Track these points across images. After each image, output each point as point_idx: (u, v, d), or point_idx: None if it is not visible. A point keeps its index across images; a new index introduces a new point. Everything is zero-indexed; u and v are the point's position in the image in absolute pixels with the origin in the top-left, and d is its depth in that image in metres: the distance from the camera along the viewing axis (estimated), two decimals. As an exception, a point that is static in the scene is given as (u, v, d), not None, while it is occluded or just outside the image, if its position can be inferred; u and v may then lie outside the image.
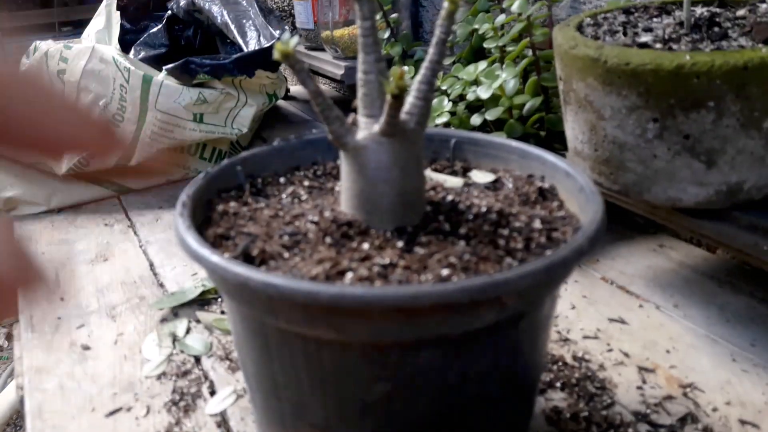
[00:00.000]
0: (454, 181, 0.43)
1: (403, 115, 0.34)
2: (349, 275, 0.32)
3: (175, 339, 0.53)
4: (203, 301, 0.59)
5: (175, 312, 0.57)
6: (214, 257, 0.31)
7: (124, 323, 0.56)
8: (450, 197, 0.40)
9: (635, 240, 0.66)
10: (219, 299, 0.59)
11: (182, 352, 0.52)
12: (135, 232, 0.74)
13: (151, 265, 0.66)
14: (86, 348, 0.53)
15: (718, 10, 0.51)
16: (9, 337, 1.70)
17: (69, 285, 0.63)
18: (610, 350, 0.50)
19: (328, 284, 0.30)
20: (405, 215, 0.36)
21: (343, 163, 0.36)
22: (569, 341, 0.51)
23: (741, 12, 0.50)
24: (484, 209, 0.38)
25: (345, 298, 0.28)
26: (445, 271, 0.32)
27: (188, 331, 0.54)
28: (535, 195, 0.42)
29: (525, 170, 0.44)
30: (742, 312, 0.54)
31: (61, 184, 0.81)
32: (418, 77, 0.35)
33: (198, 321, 0.56)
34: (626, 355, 0.49)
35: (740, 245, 0.48)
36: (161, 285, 0.63)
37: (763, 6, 0.50)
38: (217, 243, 0.36)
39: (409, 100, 0.35)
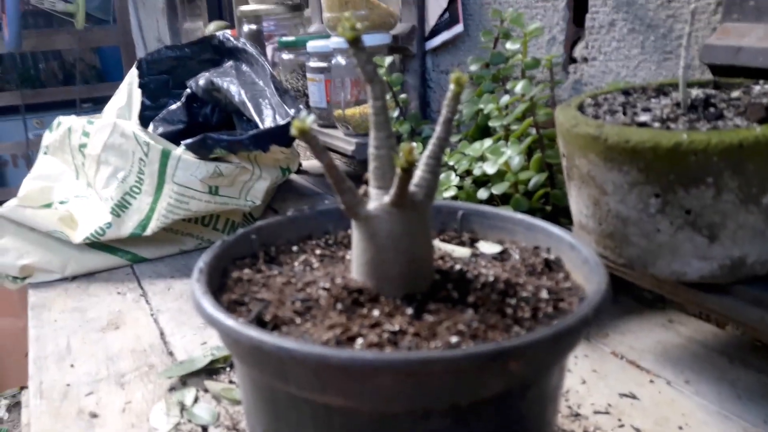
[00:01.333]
0: (461, 251, 0.45)
1: (412, 188, 0.36)
2: (360, 341, 0.33)
3: (183, 408, 0.53)
4: (212, 370, 0.59)
5: (184, 381, 0.57)
6: (229, 321, 0.32)
7: (132, 391, 0.56)
8: (458, 266, 0.41)
9: (644, 315, 0.66)
10: (227, 369, 0.59)
11: (190, 421, 0.51)
12: (147, 301, 0.75)
13: (162, 333, 0.67)
14: (94, 416, 0.53)
15: (713, 91, 0.53)
16: (9, 408, 1.67)
17: (80, 352, 0.64)
18: (622, 426, 0.49)
19: (339, 349, 0.30)
20: (414, 283, 0.37)
21: (355, 232, 0.37)
22: (580, 416, 0.50)
23: (735, 93, 0.52)
24: (491, 279, 0.39)
25: (355, 363, 0.29)
26: (453, 338, 0.33)
27: (196, 400, 0.54)
28: (542, 266, 0.43)
29: (531, 242, 0.46)
30: (753, 388, 0.53)
31: (76, 253, 0.83)
32: (426, 152, 0.36)
33: (206, 390, 0.56)
34: (638, 431, 0.48)
35: (746, 320, 0.48)
36: (171, 353, 0.63)
37: (757, 88, 0.53)
38: (231, 308, 0.37)
39: (418, 173, 0.37)
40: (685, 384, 0.54)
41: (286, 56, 1.25)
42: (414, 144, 0.70)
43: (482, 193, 0.67)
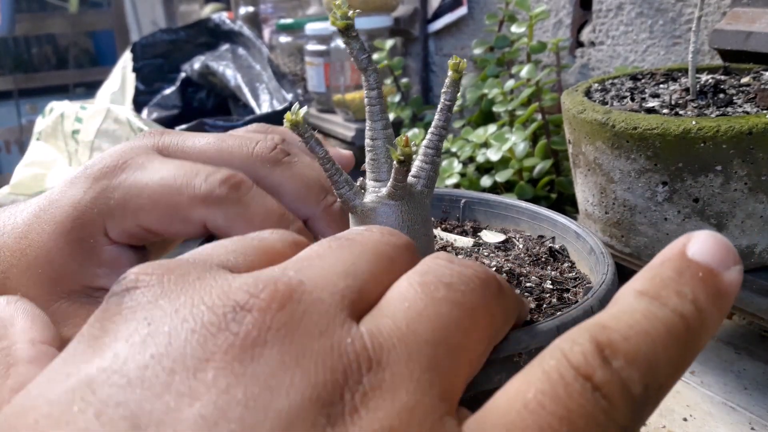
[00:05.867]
0: (464, 241, 0.43)
1: (410, 179, 0.35)
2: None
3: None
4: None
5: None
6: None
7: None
8: (460, 257, 0.39)
9: (647, 304, 0.65)
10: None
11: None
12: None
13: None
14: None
15: (722, 77, 0.52)
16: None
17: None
18: (625, 418, 0.48)
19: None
20: (415, 275, 0.36)
21: (352, 225, 0.36)
22: (582, 408, 0.50)
23: (745, 79, 0.51)
24: (494, 269, 0.38)
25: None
26: (455, 332, 0.32)
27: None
28: (546, 256, 0.42)
29: (535, 231, 0.45)
30: (759, 379, 0.52)
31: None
32: (425, 142, 0.35)
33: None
34: (641, 423, 0.48)
35: (754, 310, 0.47)
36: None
37: (767, 74, 0.51)
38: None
39: (417, 163, 0.36)
40: (691, 375, 0.53)
41: (283, 39, 1.23)
42: (415, 130, 0.68)
43: (486, 181, 0.66)
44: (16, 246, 0.34)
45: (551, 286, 0.38)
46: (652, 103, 0.48)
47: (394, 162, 0.31)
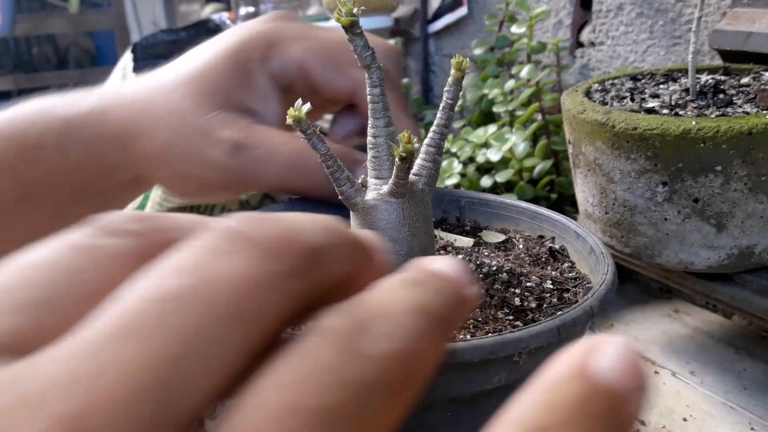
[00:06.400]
0: (464, 241, 0.43)
1: (411, 177, 0.35)
2: (359, 334, 0.32)
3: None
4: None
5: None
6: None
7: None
8: (460, 256, 0.40)
9: (650, 305, 0.65)
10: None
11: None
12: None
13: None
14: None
15: (722, 77, 0.52)
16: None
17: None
18: (625, 417, 0.48)
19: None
20: (415, 274, 0.36)
21: (353, 223, 0.36)
22: (582, 407, 0.50)
23: (745, 80, 0.51)
24: (494, 269, 0.38)
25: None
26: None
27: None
28: (546, 256, 0.42)
29: (535, 231, 0.45)
30: (759, 379, 0.52)
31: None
32: (427, 140, 0.35)
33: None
34: (642, 423, 0.48)
35: (754, 310, 0.48)
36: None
37: (766, 74, 0.51)
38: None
39: (418, 162, 0.36)
40: (691, 375, 0.53)
41: (284, 40, 1.23)
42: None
43: (486, 181, 0.66)
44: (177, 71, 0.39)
45: (551, 286, 0.38)
46: (652, 104, 0.48)
47: (396, 159, 0.31)
